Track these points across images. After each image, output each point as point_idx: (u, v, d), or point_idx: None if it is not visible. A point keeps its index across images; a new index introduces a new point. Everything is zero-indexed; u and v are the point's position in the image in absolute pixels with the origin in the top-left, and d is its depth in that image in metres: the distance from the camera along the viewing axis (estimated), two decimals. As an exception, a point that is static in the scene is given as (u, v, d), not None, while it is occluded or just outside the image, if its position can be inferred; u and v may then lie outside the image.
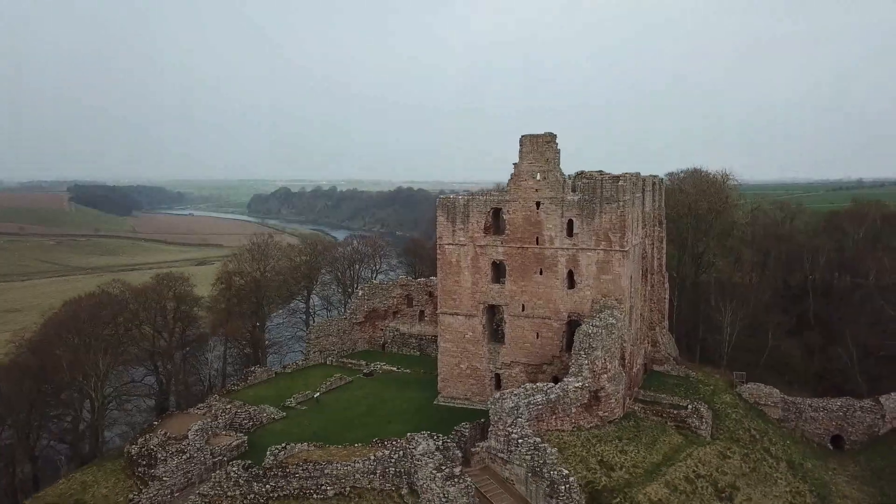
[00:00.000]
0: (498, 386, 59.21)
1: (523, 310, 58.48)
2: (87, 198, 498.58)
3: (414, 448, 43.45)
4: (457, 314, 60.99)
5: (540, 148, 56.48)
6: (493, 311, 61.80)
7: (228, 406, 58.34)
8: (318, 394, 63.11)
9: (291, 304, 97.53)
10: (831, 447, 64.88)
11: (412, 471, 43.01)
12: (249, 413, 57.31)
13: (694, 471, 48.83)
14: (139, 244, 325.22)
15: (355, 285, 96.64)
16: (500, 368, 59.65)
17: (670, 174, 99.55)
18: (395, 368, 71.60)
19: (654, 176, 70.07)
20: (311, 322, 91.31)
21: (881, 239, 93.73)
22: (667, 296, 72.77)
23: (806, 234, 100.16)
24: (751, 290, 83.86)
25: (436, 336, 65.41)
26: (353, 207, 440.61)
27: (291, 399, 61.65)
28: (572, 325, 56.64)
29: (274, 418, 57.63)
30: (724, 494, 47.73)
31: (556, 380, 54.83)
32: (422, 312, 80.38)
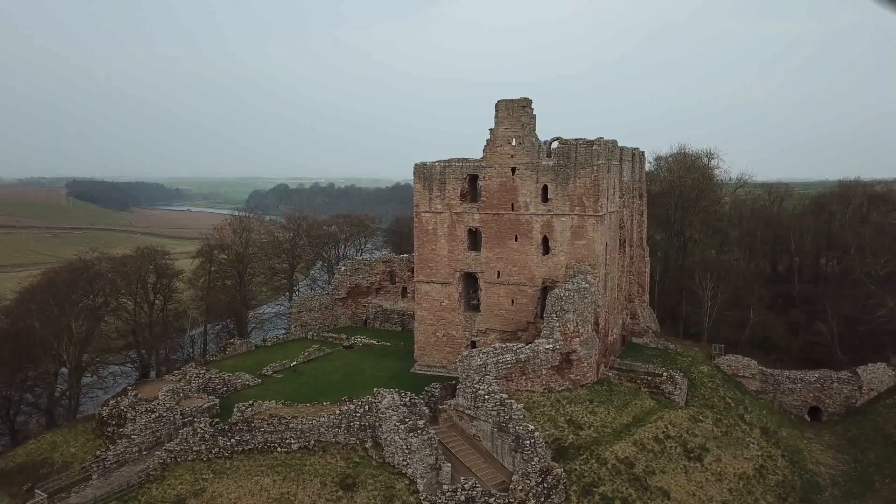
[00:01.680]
0: (474, 354, 59.03)
1: (498, 277, 58.36)
2: (84, 193, 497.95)
3: (379, 402, 43.32)
4: (433, 282, 60.90)
5: (515, 113, 56.38)
6: (469, 279, 61.70)
7: (203, 372, 58.17)
8: (295, 363, 62.97)
9: (274, 280, 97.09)
10: (808, 419, 64.69)
11: (377, 424, 42.91)
12: (223, 379, 57.06)
13: (664, 432, 48.73)
14: (135, 237, 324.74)
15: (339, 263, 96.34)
16: (476, 336, 59.48)
17: (658, 157, 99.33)
18: (375, 342, 71.35)
19: (635, 148, 69.83)
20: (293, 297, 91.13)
21: (868, 220, 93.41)
22: (647, 269, 72.56)
23: (794, 217, 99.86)
24: (732, 264, 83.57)
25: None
26: (350, 203, 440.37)
27: (268, 367, 61.37)
28: (547, 291, 56.44)
29: (248, 384, 57.37)
30: (692, 454, 47.56)
31: (530, 346, 54.67)
32: (404, 289, 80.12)
